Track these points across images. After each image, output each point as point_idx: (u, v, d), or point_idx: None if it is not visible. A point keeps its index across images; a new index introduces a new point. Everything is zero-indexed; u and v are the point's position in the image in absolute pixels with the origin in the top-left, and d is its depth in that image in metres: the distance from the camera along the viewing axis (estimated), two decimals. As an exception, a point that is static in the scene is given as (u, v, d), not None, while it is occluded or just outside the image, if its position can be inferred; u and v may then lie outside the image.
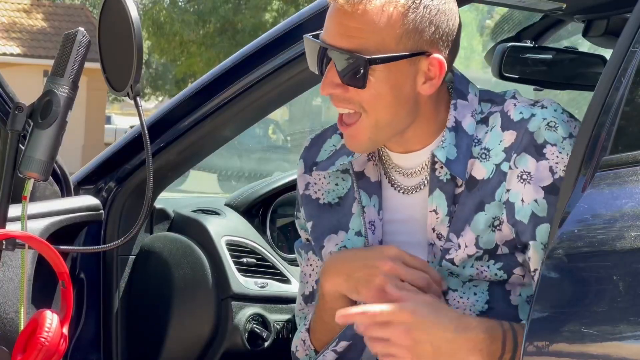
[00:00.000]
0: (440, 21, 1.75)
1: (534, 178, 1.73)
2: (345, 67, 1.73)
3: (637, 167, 1.46)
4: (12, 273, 2.09)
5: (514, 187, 1.75)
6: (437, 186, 1.80)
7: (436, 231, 1.81)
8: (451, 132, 1.79)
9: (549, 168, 1.73)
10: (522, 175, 1.74)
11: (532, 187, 1.73)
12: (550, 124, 1.74)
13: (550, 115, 1.75)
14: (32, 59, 21.71)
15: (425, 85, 1.76)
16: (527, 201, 1.74)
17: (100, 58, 1.74)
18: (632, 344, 1.37)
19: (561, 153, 1.73)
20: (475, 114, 1.81)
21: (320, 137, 1.99)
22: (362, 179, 1.89)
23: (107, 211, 2.44)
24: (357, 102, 1.75)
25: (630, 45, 1.54)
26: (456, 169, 1.78)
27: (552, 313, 1.46)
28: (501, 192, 1.76)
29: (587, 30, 2.60)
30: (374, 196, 1.89)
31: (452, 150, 1.79)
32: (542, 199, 1.73)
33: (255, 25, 18.99)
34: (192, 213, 2.70)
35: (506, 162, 1.75)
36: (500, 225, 1.76)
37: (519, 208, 1.74)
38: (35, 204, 2.20)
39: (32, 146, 1.67)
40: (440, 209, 1.80)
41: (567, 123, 1.76)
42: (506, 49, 2.64)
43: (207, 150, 2.54)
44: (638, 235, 1.39)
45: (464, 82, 1.84)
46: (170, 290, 2.51)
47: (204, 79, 2.40)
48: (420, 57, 1.74)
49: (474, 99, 1.83)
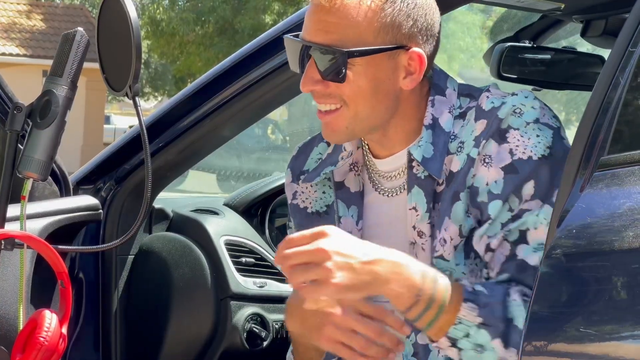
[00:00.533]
0: (419, 15, 1.76)
1: (494, 160, 1.73)
2: (324, 62, 1.73)
3: (635, 167, 1.47)
4: (11, 273, 2.10)
5: (479, 172, 1.75)
6: (415, 183, 1.80)
7: (417, 229, 1.81)
8: (428, 130, 1.80)
9: (509, 150, 1.73)
10: (485, 159, 1.74)
11: (493, 169, 1.73)
12: (516, 110, 1.74)
13: (518, 102, 1.75)
14: (31, 59, 21.72)
15: (406, 80, 1.77)
16: (490, 183, 1.74)
17: (99, 58, 1.74)
18: (631, 343, 1.37)
19: (523, 137, 1.73)
20: (454, 109, 1.81)
21: (307, 145, 1.99)
22: (341, 189, 1.90)
23: (106, 211, 2.45)
24: (338, 96, 1.76)
25: (628, 45, 1.54)
26: (432, 167, 1.78)
27: (550, 312, 1.46)
28: (469, 177, 1.76)
29: (585, 30, 2.60)
30: (353, 206, 1.89)
31: (429, 149, 1.79)
32: (501, 179, 1.73)
33: (255, 26, 18.98)
34: (191, 213, 2.71)
35: (475, 149, 1.76)
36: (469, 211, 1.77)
37: (482, 190, 1.74)
38: (34, 204, 2.21)
39: (31, 146, 1.67)
40: (420, 206, 1.80)
41: (536, 110, 1.75)
42: (505, 49, 2.64)
43: (206, 150, 2.54)
44: (636, 235, 1.40)
45: (442, 77, 1.84)
46: (169, 290, 2.51)
47: (203, 79, 2.40)
48: (399, 51, 1.75)
49: (452, 93, 1.83)
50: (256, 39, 2.35)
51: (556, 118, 1.78)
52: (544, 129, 1.74)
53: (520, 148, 1.73)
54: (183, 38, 20.46)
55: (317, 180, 1.92)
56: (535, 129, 1.73)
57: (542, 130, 1.74)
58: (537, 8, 2.51)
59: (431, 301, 1.61)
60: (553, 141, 1.73)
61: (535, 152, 1.72)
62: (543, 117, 1.75)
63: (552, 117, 1.77)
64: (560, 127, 1.77)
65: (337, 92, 1.75)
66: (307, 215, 1.95)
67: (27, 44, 22.10)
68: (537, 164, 1.72)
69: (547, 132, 1.74)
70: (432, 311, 1.61)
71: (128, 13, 1.65)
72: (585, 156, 1.52)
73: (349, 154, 1.89)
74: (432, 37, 1.79)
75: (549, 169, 1.72)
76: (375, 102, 1.76)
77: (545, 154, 1.72)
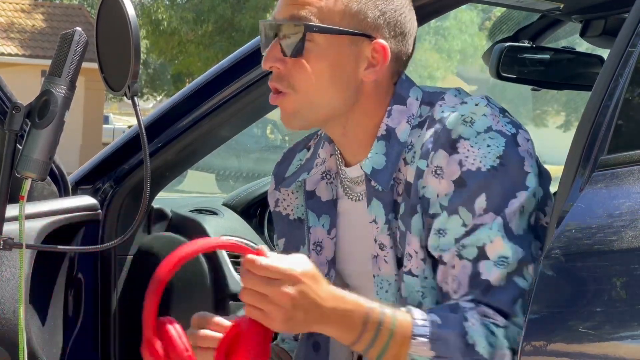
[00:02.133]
0: (388, 9, 1.75)
1: (445, 173, 1.68)
2: (286, 35, 1.73)
3: (635, 167, 1.47)
4: (10, 273, 2.09)
5: (429, 183, 1.70)
6: (374, 196, 1.77)
7: (378, 241, 1.78)
8: (380, 141, 1.77)
9: (459, 162, 1.67)
10: (436, 171, 1.69)
11: (445, 181, 1.68)
12: (467, 119, 1.69)
13: (467, 111, 1.70)
14: (30, 59, 21.72)
15: (368, 71, 1.75)
16: (440, 195, 1.69)
17: (97, 58, 1.74)
18: (630, 343, 1.37)
19: (473, 147, 1.67)
20: (413, 118, 1.78)
21: (291, 151, 1.98)
22: (312, 198, 1.88)
23: (105, 211, 2.44)
24: (287, 80, 1.74)
25: (627, 45, 1.54)
26: (381, 179, 1.75)
27: (549, 312, 1.46)
28: (420, 189, 1.72)
29: (584, 30, 2.60)
30: (324, 215, 1.87)
31: (380, 160, 1.76)
32: (452, 192, 1.68)
33: (255, 25, 18.97)
34: (190, 213, 2.71)
35: (424, 160, 1.71)
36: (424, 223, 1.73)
37: (432, 202, 1.70)
38: (33, 204, 2.20)
39: (30, 146, 1.66)
40: (379, 219, 1.77)
41: (487, 117, 1.70)
42: (504, 49, 2.64)
43: (205, 150, 2.54)
44: (635, 234, 1.40)
45: (406, 85, 1.81)
46: (168, 289, 2.50)
47: (202, 79, 2.40)
48: (362, 39, 1.73)
49: (413, 103, 1.79)
50: (255, 38, 2.35)
51: (512, 124, 1.72)
52: (496, 137, 1.68)
53: (470, 159, 1.67)
54: (182, 37, 20.48)
55: (293, 187, 1.90)
56: (486, 138, 1.68)
57: (494, 139, 1.68)
58: (536, 8, 2.51)
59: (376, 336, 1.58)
60: (505, 150, 1.67)
61: (484, 163, 1.66)
62: (496, 124, 1.69)
63: (508, 122, 1.71)
64: (516, 133, 1.70)
65: (289, 75, 1.73)
66: (289, 223, 1.93)
67: (26, 43, 22.10)
68: (486, 175, 1.66)
69: (499, 140, 1.67)
70: (380, 343, 1.58)
71: (127, 13, 1.64)
72: (585, 156, 1.52)
73: (322, 161, 1.87)
74: (402, 36, 1.77)
75: (499, 180, 1.66)
76: (332, 90, 1.74)
77: (495, 165, 1.66)
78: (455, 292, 1.68)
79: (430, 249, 1.71)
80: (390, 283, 1.78)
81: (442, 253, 1.68)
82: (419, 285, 1.73)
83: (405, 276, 1.74)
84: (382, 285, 1.79)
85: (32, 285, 2.17)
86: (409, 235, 1.73)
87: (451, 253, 1.67)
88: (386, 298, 1.78)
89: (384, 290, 1.78)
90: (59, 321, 2.33)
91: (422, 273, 1.73)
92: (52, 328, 2.30)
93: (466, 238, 1.66)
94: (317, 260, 1.86)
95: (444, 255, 1.68)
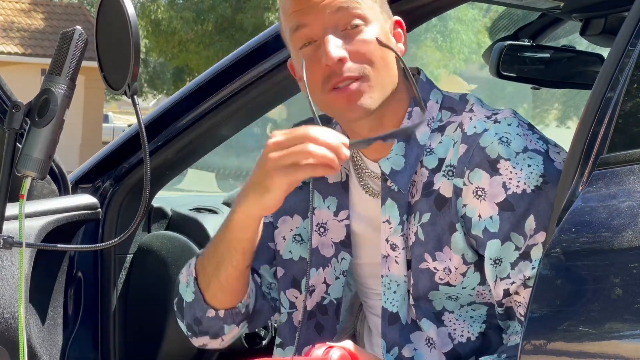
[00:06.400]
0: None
1: (488, 194, 1.69)
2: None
3: (635, 166, 1.47)
4: (9, 272, 2.09)
5: (470, 203, 1.70)
6: (389, 196, 1.78)
7: (390, 242, 1.78)
8: (400, 142, 1.77)
9: (502, 184, 1.68)
10: (477, 192, 1.70)
11: (487, 203, 1.69)
12: (503, 138, 1.70)
13: (502, 130, 1.71)
14: (30, 57, 21.73)
15: (399, 45, 1.80)
16: (483, 217, 1.70)
17: (97, 56, 1.73)
18: (629, 342, 1.37)
19: (515, 168, 1.68)
20: (432, 122, 1.78)
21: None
22: (318, 179, 1.86)
23: (105, 210, 2.44)
24: (360, 65, 1.73)
25: (627, 43, 1.54)
26: (400, 180, 1.75)
27: (549, 311, 1.46)
28: (460, 207, 1.72)
29: (584, 28, 2.60)
30: (331, 197, 1.87)
31: (400, 161, 1.76)
32: (496, 216, 1.69)
33: (256, 25, 18.98)
34: (190, 212, 2.71)
35: (459, 178, 1.71)
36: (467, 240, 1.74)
37: (475, 222, 1.71)
38: (33, 203, 2.20)
39: (30, 145, 1.66)
40: (393, 219, 1.77)
41: (522, 137, 1.71)
42: (504, 47, 2.63)
43: (205, 149, 2.54)
44: (635, 233, 1.39)
45: (426, 88, 1.82)
46: (168, 288, 2.50)
47: (202, 78, 2.40)
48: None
49: (433, 106, 1.80)
50: (255, 37, 2.35)
51: (541, 138, 1.74)
52: (534, 156, 1.69)
53: (514, 181, 1.68)
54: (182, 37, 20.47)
55: None
56: (525, 158, 1.69)
57: (533, 159, 1.69)
58: (536, 6, 2.51)
59: None
60: (544, 167, 1.68)
61: (529, 185, 1.67)
62: (530, 143, 1.71)
63: (538, 138, 1.73)
64: (548, 148, 1.72)
65: (363, 57, 1.73)
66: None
67: (26, 42, 22.10)
68: (532, 197, 1.67)
69: (537, 159, 1.69)
70: None
71: (126, 11, 1.64)
72: (585, 155, 1.52)
73: None
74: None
75: (545, 198, 1.67)
76: (389, 67, 1.76)
77: (539, 184, 1.67)
78: (522, 316, 1.69)
79: (489, 280, 1.71)
80: (399, 284, 1.78)
81: (506, 282, 1.69)
82: (454, 291, 1.76)
83: (442, 286, 1.75)
84: (389, 285, 1.79)
85: (32, 284, 2.17)
86: (448, 250, 1.73)
87: (516, 283, 1.68)
88: (394, 298, 1.78)
89: (391, 291, 1.79)
90: (58, 320, 2.33)
91: (460, 284, 1.75)
92: (52, 327, 2.31)
93: (522, 261, 1.67)
94: (319, 242, 1.86)
95: (510, 286, 1.69)
